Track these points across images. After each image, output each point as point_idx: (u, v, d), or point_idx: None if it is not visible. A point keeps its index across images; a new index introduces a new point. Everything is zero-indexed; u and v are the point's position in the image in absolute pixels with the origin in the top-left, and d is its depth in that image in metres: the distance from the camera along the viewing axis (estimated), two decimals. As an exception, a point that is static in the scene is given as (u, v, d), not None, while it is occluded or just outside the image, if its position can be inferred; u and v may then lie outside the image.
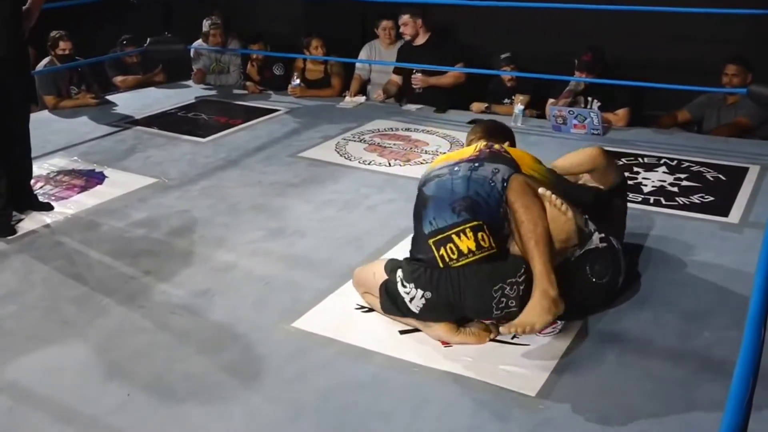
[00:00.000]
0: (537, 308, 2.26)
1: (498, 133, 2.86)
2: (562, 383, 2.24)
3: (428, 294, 2.37)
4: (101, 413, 2.16)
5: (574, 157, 2.80)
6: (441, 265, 2.36)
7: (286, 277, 2.97)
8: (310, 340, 2.51)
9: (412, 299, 2.40)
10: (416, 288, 2.38)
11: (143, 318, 2.68)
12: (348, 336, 2.52)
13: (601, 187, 2.85)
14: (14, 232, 3.39)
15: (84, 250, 3.26)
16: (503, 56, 5.25)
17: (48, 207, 3.65)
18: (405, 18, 5.46)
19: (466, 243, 2.35)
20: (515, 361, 2.33)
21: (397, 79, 5.68)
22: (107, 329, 2.61)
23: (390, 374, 2.32)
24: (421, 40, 5.52)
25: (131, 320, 2.67)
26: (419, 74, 5.48)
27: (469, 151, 2.64)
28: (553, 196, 2.41)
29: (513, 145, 2.83)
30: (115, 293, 2.85)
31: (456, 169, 2.55)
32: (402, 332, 2.50)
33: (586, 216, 2.56)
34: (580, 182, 2.89)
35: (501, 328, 2.31)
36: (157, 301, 2.79)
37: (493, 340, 2.45)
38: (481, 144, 2.66)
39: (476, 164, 2.53)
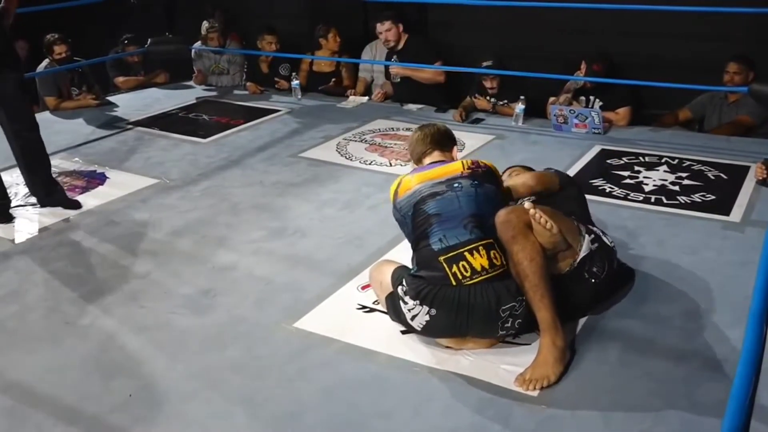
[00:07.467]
0: (549, 359, 2.24)
1: (444, 138, 2.80)
2: (564, 382, 2.23)
3: (433, 311, 2.32)
4: (103, 412, 2.16)
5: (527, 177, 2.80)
6: (454, 282, 2.30)
7: (287, 276, 2.98)
8: (311, 339, 2.52)
9: (414, 317, 2.36)
10: (421, 305, 2.33)
11: (145, 318, 2.69)
12: (349, 336, 2.52)
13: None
14: (11, 218, 3.38)
15: (85, 250, 3.27)
16: (484, 64, 5.09)
17: (76, 205, 3.66)
18: (388, 24, 5.34)
19: (479, 260, 2.31)
20: (517, 361, 2.32)
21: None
22: (109, 329, 2.62)
23: (391, 374, 2.32)
24: (401, 44, 5.47)
25: (133, 320, 2.67)
26: (396, 67, 5.46)
27: (457, 168, 2.55)
28: (540, 216, 2.35)
29: (455, 142, 2.83)
30: (117, 293, 2.86)
31: (456, 185, 2.48)
32: (403, 332, 2.49)
33: (574, 217, 2.56)
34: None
35: (516, 383, 2.23)
36: (158, 301, 2.80)
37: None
38: (467, 162, 2.57)
39: (476, 182, 2.49)
